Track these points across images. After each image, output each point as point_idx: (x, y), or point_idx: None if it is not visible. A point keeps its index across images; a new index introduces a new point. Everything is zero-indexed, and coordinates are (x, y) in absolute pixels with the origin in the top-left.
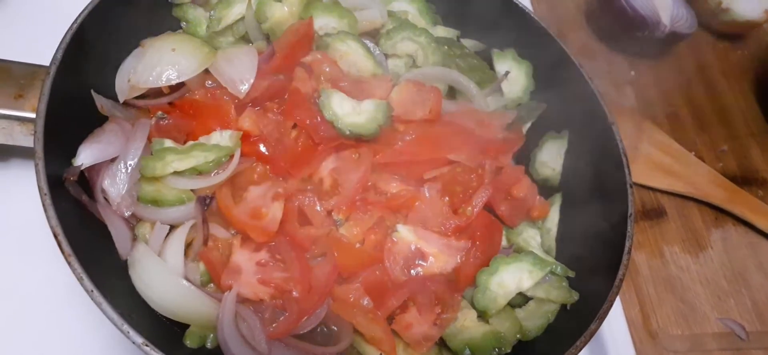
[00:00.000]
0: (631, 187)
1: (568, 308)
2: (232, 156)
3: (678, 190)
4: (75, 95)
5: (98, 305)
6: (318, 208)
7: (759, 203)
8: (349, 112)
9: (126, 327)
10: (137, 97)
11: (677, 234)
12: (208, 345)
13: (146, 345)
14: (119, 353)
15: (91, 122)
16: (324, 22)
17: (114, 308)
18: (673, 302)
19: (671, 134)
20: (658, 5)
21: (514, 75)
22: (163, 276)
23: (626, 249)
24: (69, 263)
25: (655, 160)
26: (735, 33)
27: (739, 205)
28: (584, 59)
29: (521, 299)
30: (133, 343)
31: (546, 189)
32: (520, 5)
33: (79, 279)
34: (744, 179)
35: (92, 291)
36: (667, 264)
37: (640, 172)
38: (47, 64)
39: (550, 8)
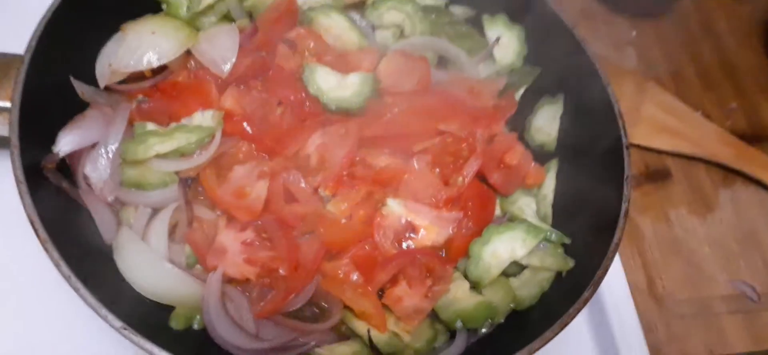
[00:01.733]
0: (627, 148)
1: (563, 275)
2: (214, 136)
3: (684, 150)
4: (54, 82)
5: (76, 290)
6: (302, 184)
7: None
8: (334, 86)
9: (104, 311)
10: (119, 82)
11: (683, 196)
12: (195, 327)
13: (125, 329)
14: (108, 339)
15: (73, 109)
16: None
17: (92, 293)
18: (680, 266)
19: (676, 94)
20: None
21: (506, 40)
22: (147, 260)
23: (622, 212)
24: (46, 250)
25: (659, 121)
26: None
27: (748, 163)
28: (584, 20)
29: (516, 268)
30: (112, 327)
31: (542, 155)
32: None
33: (56, 265)
34: (755, 137)
35: (69, 277)
36: (672, 227)
37: (643, 134)
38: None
39: None
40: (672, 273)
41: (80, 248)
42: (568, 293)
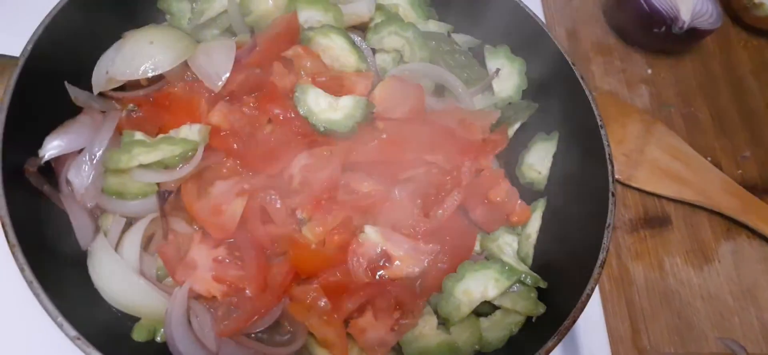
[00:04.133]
0: (613, 195)
1: (533, 320)
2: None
3: (686, 198)
4: (47, 86)
5: (36, 296)
6: (278, 205)
7: None
8: (324, 108)
9: (60, 320)
10: (116, 89)
11: (681, 245)
12: (158, 339)
13: (78, 339)
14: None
15: (63, 113)
16: (308, 15)
17: (52, 300)
18: (669, 318)
19: (686, 138)
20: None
21: (507, 73)
22: (117, 270)
23: (599, 262)
24: (13, 254)
25: (663, 165)
26: None
27: (753, 216)
28: (598, 54)
29: (489, 308)
30: (67, 336)
31: (531, 193)
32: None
33: (21, 270)
34: (765, 189)
35: (31, 282)
36: (666, 276)
37: (644, 178)
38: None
39: (566, 1)
40: (659, 325)
41: (52, 254)
42: (535, 340)
